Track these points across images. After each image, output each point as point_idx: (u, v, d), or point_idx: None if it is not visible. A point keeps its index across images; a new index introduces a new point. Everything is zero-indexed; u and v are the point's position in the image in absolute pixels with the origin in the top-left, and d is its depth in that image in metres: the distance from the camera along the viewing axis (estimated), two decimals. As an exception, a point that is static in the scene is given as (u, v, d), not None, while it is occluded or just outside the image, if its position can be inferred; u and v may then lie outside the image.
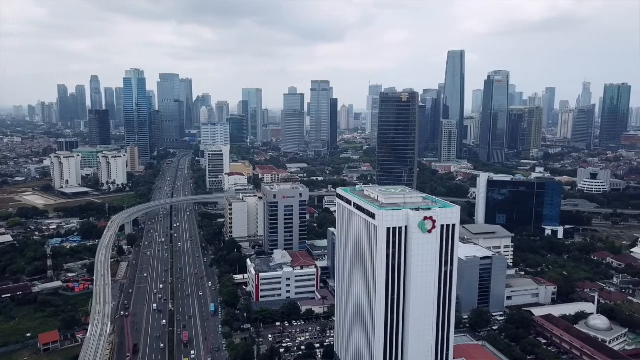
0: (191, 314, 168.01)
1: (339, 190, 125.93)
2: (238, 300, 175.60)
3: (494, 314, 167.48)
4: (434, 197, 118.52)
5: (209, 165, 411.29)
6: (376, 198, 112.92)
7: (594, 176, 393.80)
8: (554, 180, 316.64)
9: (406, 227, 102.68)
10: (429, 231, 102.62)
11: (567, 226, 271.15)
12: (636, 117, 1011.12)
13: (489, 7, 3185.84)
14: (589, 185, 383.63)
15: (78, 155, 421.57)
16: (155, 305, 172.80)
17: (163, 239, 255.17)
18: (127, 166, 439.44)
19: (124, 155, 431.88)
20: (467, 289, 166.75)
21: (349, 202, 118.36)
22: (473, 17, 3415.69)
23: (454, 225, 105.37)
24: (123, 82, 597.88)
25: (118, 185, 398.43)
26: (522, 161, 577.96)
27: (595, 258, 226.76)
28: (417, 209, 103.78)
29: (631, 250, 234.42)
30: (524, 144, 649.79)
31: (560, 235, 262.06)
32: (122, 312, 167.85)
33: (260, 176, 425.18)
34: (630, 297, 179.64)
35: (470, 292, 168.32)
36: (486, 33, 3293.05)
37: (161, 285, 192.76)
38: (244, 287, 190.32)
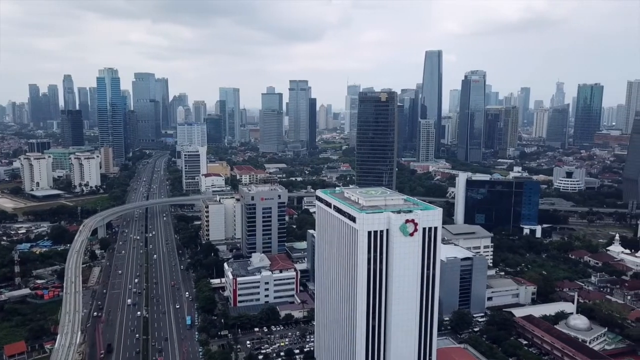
0: (166, 322, 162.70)
1: (319, 193, 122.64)
2: (215, 305, 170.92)
3: (474, 315, 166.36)
4: (415, 198, 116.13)
5: (186, 166, 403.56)
6: (356, 200, 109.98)
7: (569, 175, 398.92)
8: (531, 179, 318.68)
9: (387, 230, 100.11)
10: (411, 234, 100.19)
11: (544, 225, 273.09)
12: (608, 116, 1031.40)
13: (466, 8, 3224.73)
14: (564, 183, 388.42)
15: (49, 157, 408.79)
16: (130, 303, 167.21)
17: (138, 237, 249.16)
18: (100, 167, 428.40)
19: (98, 157, 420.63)
20: (448, 291, 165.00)
21: (328, 204, 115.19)
22: (450, 18, 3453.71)
23: (435, 228, 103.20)
24: (96, 82, 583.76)
25: (91, 187, 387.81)
26: (499, 160, 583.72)
27: (573, 257, 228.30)
28: (399, 212, 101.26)
29: (607, 248, 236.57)
30: (500, 143, 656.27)
31: (539, 234, 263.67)
32: (95, 313, 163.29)
33: (238, 177, 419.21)
34: (608, 296, 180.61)
35: (451, 294, 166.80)
36: (463, 33, 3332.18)
37: (134, 288, 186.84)
38: (221, 291, 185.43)
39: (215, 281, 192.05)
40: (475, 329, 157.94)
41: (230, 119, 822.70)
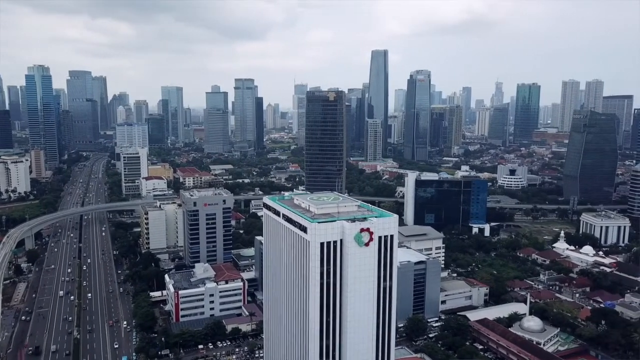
0: (100, 344, 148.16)
1: (266, 200, 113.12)
2: (155, 322, 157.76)
3: (429, 320, 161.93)
4: (369, 204, 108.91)
5: (125, 169, 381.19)
6: (307, 208, 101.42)
7: (512, 172, 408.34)
8: (479, 178, 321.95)
9: (341, 240, 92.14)
10: (366, 244, 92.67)
11: (492, 223, 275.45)
12: (544, 115, 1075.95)
13: (409, 9, 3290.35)
14: (508, 181, 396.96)
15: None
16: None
17: (71, 248, 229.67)
18: (31, 172, 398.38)
19: (27, 160, 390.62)
20: (401, 296, 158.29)
21: (277, 212, 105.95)
22: (394, 18, 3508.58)
23: (391, 237, 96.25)
24: (25, 80, 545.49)
25: (20, 193, 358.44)
26: (444, 158, 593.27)
27: (521, 255, 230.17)
28: (353, 220, 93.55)
29: (553, 245, 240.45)
30: (445, 142, 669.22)
31: (487, 232, 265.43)
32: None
33: (181, 179, 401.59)
34: (557, 295, 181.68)
35: (405, 300, 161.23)
36: (407, 34, 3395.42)
37: (64, 305, 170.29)
38: (162, 305, 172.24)
39: (156, 294, 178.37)
40: (431, 335, 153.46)
41: (174, 118, 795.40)
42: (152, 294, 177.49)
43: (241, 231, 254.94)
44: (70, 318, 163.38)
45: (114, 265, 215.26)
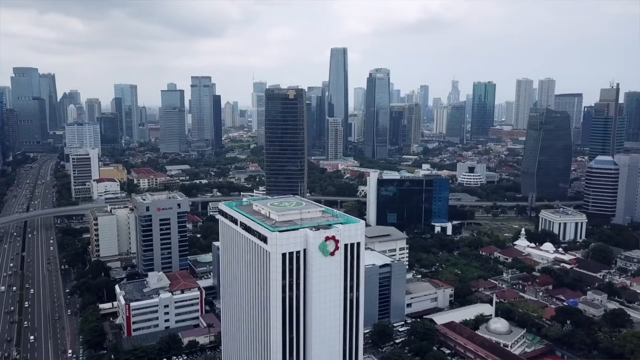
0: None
1: (222, 206, 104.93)
2: (104, 337, 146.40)
3: (395, 325, 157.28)
4: (334, 210, 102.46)
5: (74, 170, 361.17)
6: (267, 215, 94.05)
7: (471, 170, 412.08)
8: (440, 176, 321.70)
9: (305, 250, 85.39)
10: (332, 253, 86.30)
11: (454, 222, 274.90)
12: (499, 112, 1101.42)
13: (368, 8, 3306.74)
14: (467, 178, 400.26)
15: None
16: None
17: (12, 264, 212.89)
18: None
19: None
20: (367, 302, 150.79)
21: (234, 220, 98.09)
22: (355, 17, 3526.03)
23: (358, 244, 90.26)
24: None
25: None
26: (404, 156, 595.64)
27: (484, 253, 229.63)
28: (317, 228, 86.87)
29: (514, 243, 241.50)
30: (405, 140, 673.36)
31: (449, 231, 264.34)
32: None
33: (135, 181, 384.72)
34: (521, 294, 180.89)
35: (370, 305, 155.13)
36: (365, 32, 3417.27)
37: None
38: (112, 318, 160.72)
39: (106, 306, 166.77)
40: (397, 341, 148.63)
41: (128, 117, 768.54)
42: (101, 306, 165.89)
43: (198, 235, 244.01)
44: (9, 338, 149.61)
45: (61, 276, 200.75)
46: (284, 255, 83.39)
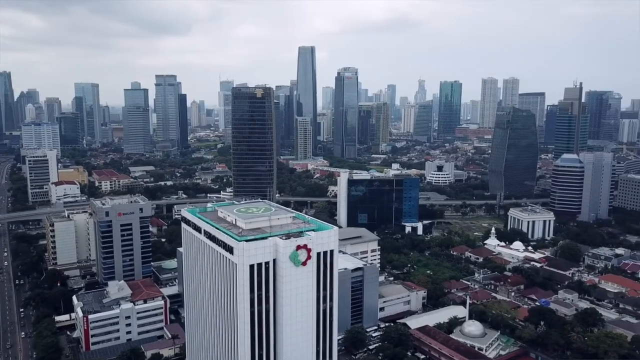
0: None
1: (184, 213, 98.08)
2: (60, 353, 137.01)
3: (368, 330, 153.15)
4: (306, 215, 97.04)
5: (31, 173, 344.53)
6: (234, 222, 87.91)
7: (440, 168, 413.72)
8: (410, 176, 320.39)
9: (275, 260, 79.79)
10: (303, 263, 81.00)
11: (425, 221, 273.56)
12: (464, 111, 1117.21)
13: (336, 6, 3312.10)
14: (436, 177, 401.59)
15: None
16: None
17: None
18: None
19: None
20: (339, 307, 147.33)
21: (197, 228, 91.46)
22: (322, 15, 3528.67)
23: (331, 252, 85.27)
24: None
25: None
26: (373, 156, 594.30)
27: (455, 253, 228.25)
28: (288, 236, 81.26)
29: (485, 242, 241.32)
30: (373, 139, 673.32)
31: (420, 231, 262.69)
32: None
33: (97, 184, 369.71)
34: (494, 294, 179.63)
35: (343, 310, 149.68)
36: (333, 31, 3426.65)
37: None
38: (69, 332, 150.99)
39: (64, 318, 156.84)
40: (371, 347, 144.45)
41: (89, 117, 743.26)
42: (58, 318, 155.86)
43: (163, 240, 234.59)
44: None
45: (14, 287, 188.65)
46: (251, 266, 77.57)
